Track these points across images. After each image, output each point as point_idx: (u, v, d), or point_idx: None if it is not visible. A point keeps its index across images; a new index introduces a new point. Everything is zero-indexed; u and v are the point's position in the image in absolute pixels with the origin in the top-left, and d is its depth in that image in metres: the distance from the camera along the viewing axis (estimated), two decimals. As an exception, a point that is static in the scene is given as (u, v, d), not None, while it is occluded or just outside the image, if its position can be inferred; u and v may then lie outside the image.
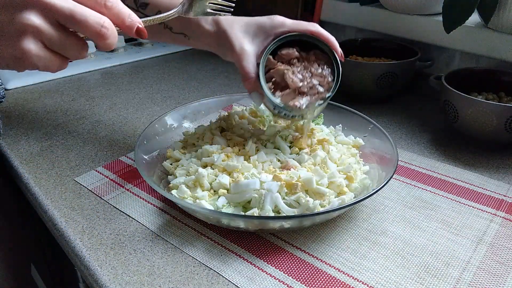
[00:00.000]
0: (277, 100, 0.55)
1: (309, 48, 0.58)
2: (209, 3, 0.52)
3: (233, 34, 0.57)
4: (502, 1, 0.75)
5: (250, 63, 0.56)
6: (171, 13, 0.49)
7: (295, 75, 0.55)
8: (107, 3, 0.39)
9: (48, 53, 0.39)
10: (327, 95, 0.56)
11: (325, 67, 0.57)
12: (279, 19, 0.57)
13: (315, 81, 0.56)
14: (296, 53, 0.57)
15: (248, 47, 0.57)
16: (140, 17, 0.43)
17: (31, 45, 0.37)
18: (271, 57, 0.57)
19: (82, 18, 0.37)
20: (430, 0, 0.88)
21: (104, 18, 0.38)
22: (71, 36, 0.39)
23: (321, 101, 0.56)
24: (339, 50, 0.58)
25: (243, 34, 0.57)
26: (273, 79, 0.56)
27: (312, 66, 0.56)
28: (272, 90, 0.56)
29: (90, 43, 0.52)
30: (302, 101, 0.54)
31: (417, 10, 0.90)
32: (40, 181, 0.64)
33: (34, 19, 0.37)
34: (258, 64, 0.56)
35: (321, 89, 0.56)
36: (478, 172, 0.65)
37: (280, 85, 0.56)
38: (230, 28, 0.58)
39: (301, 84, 0.55)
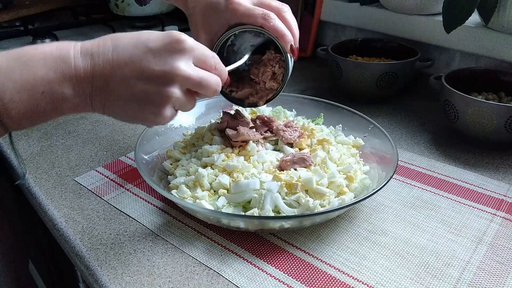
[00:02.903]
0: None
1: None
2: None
3: (193, 21, 0.58)
4: (502, 1, 0.75)
5: None
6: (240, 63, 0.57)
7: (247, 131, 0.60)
8: (216, 66, 0.48)
9: (175, 113, 0.47)
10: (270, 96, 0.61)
11: (277, 66, 0.59)
12: (234, 6, 0.55)
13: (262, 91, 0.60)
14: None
15: (203, 39, 0.57)
16: None
17: (169, 111, 0.45)
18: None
19: (207, 84, 0.46)
20: (430, 0, 0.88)
21: (219, 80, 0.48)
22: (192, 97, 0.47)
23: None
24: (293, 46, 0.56)
25: (201, 22, 0.57)
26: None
27: (266, 67, 0.59)
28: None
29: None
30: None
31: (417, 10, 0.90)
32: (40, 181, 0.64)
33: (176, 91, 0.44)
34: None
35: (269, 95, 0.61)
36: (478, 172, 0.65)
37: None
38: (192, 14, 0.58)
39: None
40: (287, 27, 0.56)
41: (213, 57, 0.47)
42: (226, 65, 0.57)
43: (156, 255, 0.50)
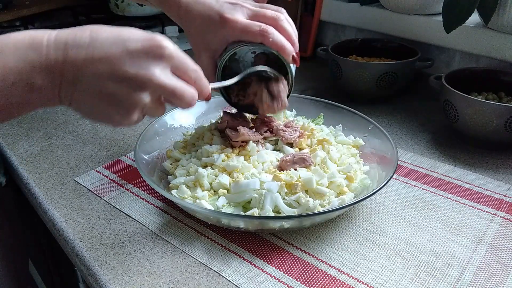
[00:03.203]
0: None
1: None
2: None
3: (191, 40, 0.57)
4: (502, 1, 0.75)
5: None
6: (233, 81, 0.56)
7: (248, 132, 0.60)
8: (196, 80, 0.46)
9: (141, 118, 0.45)
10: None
11: (266, 106, 0.59)
12: (230, 23, 0.54)
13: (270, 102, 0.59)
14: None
15: (204, 56, 0.57)
16: None
17: (136, 116, 0.44)
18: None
19: (181, 95, 0.44)
20: (430, 0, 0.88)
21: (195, 94, 0.45)
22: (162, 105, 0.46)
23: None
24: (294, 56, 0.55)
25: (200, 40, 0.56)
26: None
27: (273, 85, 0.58)
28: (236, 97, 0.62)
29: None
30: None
31: (417, 10, 0.90)
32: (40, 181, 0.64)
33: (146, 98, 0.42)
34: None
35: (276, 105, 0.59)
36: (478, 172, 0.65)
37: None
38: (189, 32, 0.57)
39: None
40: (286, 37, 0.55)
41: (194, 71, 0.45)
42: (231, 74, 0.56)
43: (156, 255, 0.50)
